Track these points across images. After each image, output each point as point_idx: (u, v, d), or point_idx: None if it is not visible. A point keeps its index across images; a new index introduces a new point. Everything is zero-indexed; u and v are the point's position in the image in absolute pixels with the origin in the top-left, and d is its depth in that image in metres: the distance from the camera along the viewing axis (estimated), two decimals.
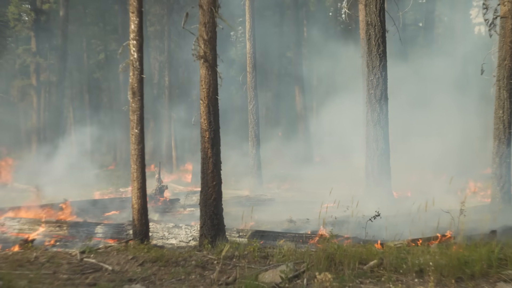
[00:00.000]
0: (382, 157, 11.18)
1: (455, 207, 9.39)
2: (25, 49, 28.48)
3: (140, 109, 7.07)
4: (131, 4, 7.10)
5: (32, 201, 13.09)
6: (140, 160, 7.07)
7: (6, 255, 6.51)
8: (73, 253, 6.53)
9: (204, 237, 7.00)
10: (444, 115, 14.51)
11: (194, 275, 5.83)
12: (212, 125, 6.91)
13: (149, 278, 5.74)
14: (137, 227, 7.06)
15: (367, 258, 5.87)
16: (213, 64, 6.86)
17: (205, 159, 6.98)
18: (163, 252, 6.36)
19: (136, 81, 7.05)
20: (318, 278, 4.45)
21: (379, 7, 11.15)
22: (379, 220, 9.39)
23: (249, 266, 6.06)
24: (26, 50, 28.38)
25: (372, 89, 11.21)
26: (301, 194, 14.67)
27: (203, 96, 6.91)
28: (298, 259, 6.05)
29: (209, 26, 6.81)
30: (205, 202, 7.02)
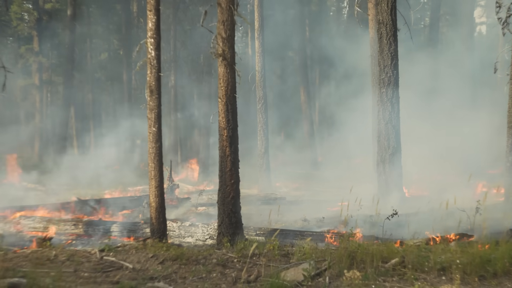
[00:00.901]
0: (393, 155, 11.17)
1: (468, 205, 9.40)
2: (28, 48, 28.51)
3: (158, 107, 7.06)
4: (149, 2, 7.08)
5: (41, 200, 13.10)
6: (158, 159, 7.05)
7: (25, 254, 6.50)
8: (92, 252, 6.52)
9: (222, 235, 6.99)
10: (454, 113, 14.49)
11: (215, 273, 5.83)
12: (230, 123, 6.91)
13: (170, 276, 5.74)
14: (154, 226, 7.05)
15: (388, 257, 5.86)
16: (231, 62, 6.85)
17: (223, 158, 6.97)
18: (183, 250, 6.35)
19: (154, 79, 7.03)
20: (346, 276, 4.44)
21: (391, 5, 11.13)
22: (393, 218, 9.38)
23: (269, 264, 6.04)
24: (28, 50, 28.40)
25: (383, 88, 11.20)
26: (310, 193, 14.66)
27: (221, 94, 6.90)
28: (319, 257, 6.03)
29: (227, 24, 6.80)
30: (223, 201, 7.01)
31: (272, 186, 16.17)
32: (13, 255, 6.44)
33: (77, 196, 10.54)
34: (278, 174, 18.29)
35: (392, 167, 11.15)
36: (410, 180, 12.80)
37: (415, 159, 13.46)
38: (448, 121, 14.51)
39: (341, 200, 12.61)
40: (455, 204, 8.71)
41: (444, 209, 10.14)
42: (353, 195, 13.04)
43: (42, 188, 15.28)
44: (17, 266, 5.97)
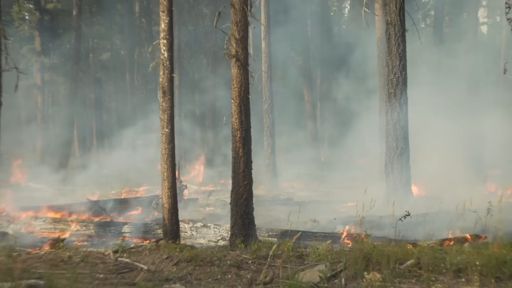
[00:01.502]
0: (402, 156, 11.16)
1: (478, 206, 9.40)
2: (30, 48, 28.50)
3: (171, 108, 7.06)
4: (161, 3, 7.08)
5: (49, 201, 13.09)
6: (171, 160, 7.05)
7: (39, 255, 6.50)
8: (106, 253, 6.52)
9: (235, 237, 6.99)
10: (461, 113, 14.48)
11: (230, 275, 5.82)
12: (243, 124, 6.90)
13: (185, 278, 5.73)
14: (167, 227, 7.04)
15: (403, 258, 5.85)
16: (244, 63, 6.84)
17: (236, 159, 6.97)
18: (197, 251, 6.34)
19: (167, 80, 7.03)
20: (367, 277, 4.44)
21: (399, 6, 11.13)
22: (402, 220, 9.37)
23: (284, 266, 6.04)
24: (30, 50, 28.40)
25: (392, 89, 11.19)
26: (317, 194, 14.66)
27: (234, 95, 6.89)
28: (334, 258, 6.03)
29: (241, 25, 6.79)
30: (236, 202, 7.01)
31: (278, 187, 16.17)
32: (27, 256, 6.44)
33: (87, 197, 10.53)
34: (284, 175, 18.29)
35: (401, 167, 11.15)
36: (420, 180, 12.80)
37: (430, 156, 13.49)
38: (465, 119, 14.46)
39: (348, 201, 12.67)
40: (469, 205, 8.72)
41: (454, 210, 10.17)
42: (361, 196, 13.06)
43: (48, 189, 15.26)
44: (32, 267, 5.97)
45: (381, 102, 14.88)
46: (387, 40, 11.28)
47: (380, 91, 14.90)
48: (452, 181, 12.37)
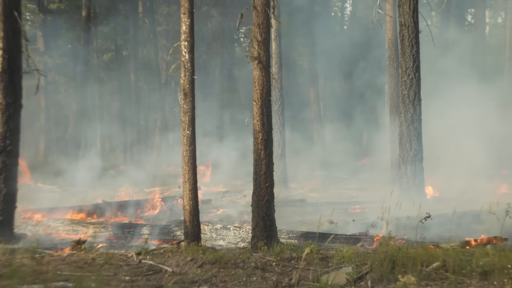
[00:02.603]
0: (415, 158, 11.17)
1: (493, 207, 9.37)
2: (33, 49, 28.48)
3: (192, 110, 7.07)
4: (182, 5, 7.10)
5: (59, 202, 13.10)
6: (192, 162, 7.06)
7: (62, 257, 6.51)
8: (129, 255, 6.52)
9: (257, 239, 6.99)
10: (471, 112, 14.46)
11: (255, 277, 5.81)
12: (265, 126, 6.91)
13: (210, 280, 5.73)
14: (188, 229, 7.05)
15: (427, 260, 5.84)
16: (266, 66, 6.85)
17: (258, 161, 6.97)
18: (221, 253, 6.34)
19: (188, 82, 7.04)
20: (401, 280, 4.43)
21: (413, 7, 11.13)
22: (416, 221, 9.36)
23: (309, 268, 6.04)
24: (33, 50, 28.38)
25: (405, 90, 11.19)
26: (328, 195, 14.65)
27: (256, 97, 6.89)
28: (358, 261, 6.02)
29: (263, 28, 6.79)
30: (258, 204, 7.01)
31: (288, 188, 16.17)
32: (50, 258, 6.44)
33: (102, 199, 10.54)
34: (293, 176, 18.28)
35: (414, 169, 11.15)
36: (433, 181, 12.80)
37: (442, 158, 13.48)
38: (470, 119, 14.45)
39: (361, 202, 12.67)
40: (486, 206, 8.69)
41: (470, 211, 10.16)
42: (373, 197, 13.07)
43: (58, 190, 15.28)
44: (56, 269, 5.97)
45: (392, 102, 14.89)
46: (401, 42, 11.28)
47: (391, 92, 14.89)
48: (465, 182, 12.36)
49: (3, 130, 7.28)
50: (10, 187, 7.43)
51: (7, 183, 7.38)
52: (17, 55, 7.32)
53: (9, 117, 7.30)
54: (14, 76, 7.30)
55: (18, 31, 7.27)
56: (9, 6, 7.18)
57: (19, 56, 7.35)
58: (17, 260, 6.31)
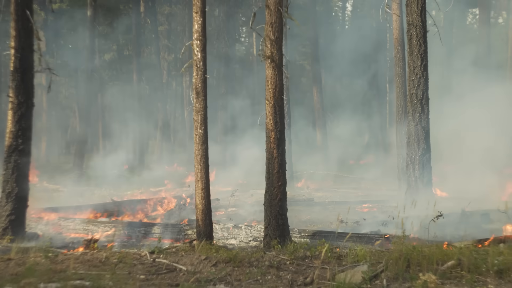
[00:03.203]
0: (423, 157, 11.15)
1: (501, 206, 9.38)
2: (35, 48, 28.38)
3: (204, 109, 7.06)
4: (195, 4, 7.09)
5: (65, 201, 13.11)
6: (204, 161, 7.05)
7: (75, 256, 6.50)
8: (142, 254, 6.52)
9: (270, 238, 6.99)
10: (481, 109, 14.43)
11: (270, 276, 5.81)
12: (278, 125, 6.91)
13: (225, 279, 5.72)
14: (201, 228, 7.05)
15: (442, 259, 5.84)
16: (279, 65, 6.85)
17: (270, 160, 6.97)
18: (235, 252, 6.34)
19: (200, 81, 7.03)
20: (421, 278, 4.43)
21: (421, 7, 11.12)
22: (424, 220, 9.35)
23: (323, 267, 6.04)
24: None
25: (413, 89, 11.18)
26: (335, 194, 14.67)
27: (269, 96, 6.90)
28: (373, 260, 6.02)
29: (275, 26, 6.79)
30: (270, 203, 7.01)
31: (294, 187, 16.16)
32: (63, 257, 6.44)
33: (112, 198, 10.54)
34: (298, 175, 18.29)
35: (422, 168, 11.14)
36: (441, 180, 12.80)
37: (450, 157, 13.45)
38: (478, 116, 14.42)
39: (368, 201, 12.69)
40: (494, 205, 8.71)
41: (478, 210, 10.16)
42: (379, 196, 13.06)
43: (63, 189, 15.29)
44: (71, 268, 5.96)
45: (398, 101, 14.88)
46: (409, 41, 11.27)
47: (397, 91, 14.89)
48: (474, 181, 12.36)
49: (15, 129, 7.29)
50: (22, 186, 7.44)
51: (19, 182, 7.39)
52: (29, 54, 7.34)
53: (21, 116, 7.31)
54: (26, 75, 7.32)
55: (30, 30, 7.28)
56: (21, 5, 7.19)
57: (31, 55, 7.37)
58: (30, 258, 6.31)
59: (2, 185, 7.47)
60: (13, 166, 7.31)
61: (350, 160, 26.87)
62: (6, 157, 7.34)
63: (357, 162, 26.89)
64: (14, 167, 7.31)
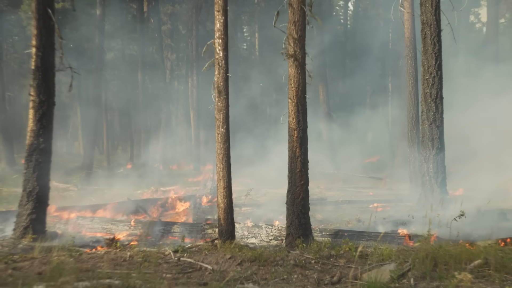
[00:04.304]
0: (437, 156, 11.14)
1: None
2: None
3: (226, 108, 7.05)
4: (217, 3, 7.06)
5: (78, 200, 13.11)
6: (226, 159, 7.04)
7: (99, 255, 6.50)
8: (166, 252, 6.52)
9: (292, 237, 6.98)
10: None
11: (296, 275, 5.81)
12: (300, 124, 6.90)
13: (251, 278, 5.72)
14: (223, 226, 7.04)
15: (468, 258, 5.83)
16: (302, 63, 6.84)
17: (293, 158, 6.96)
18: (260, 251, 6.33)
19: (222, 80, 7.02)
20: (457, 277, 4.42)
21: (435, 6, 11.11)
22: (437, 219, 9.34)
23: (349, 266, 6.03)
24: None
25: (427, 88, 11.17)
26: (346, 194, 14.63)
27: (291, 95, 6.89)
28: (398, 259, 6.01)
29: (299, 25, 6.78)
30: (293, 201, 7.00)
31: None
32: (87, 256, 6.44)
33: (127, 197, 10.52)
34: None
35: (436, 167, 11.12)
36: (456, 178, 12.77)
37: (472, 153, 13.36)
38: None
39: (380, 200, 12.68)
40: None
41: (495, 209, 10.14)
42: (392, 196, 13.03)
43: (74, 188, 15.30)
44: (96, 267, 5.97)
45: (410, 101, 14.85)
46: (423, 40, 11.25)
47: (409, 90, 14.85)
48: (489, 180, 12.33)
49: (36, 128, 7.28)
50: (42, 185, 7.44)
51: (40, 181, 7.38)
52: (50, 53, 7.32)
53: (43, 115, 7.29)
54: (48, 73, 7.30)
55: (52, 29, 7.27)
56: (43, 4, 7.17)
57: (52, 54, 7.35)
58: (54, 257, 6.30)
59: (23, 184, 7.46)
60: (34, 165, 7.30)
61: (357, 159, 26.85)
62: (27, 156, 7.33)
63: (364, 161, 26.89)
64: (35, 166, 7.30)
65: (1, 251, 6.81)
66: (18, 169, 23.15)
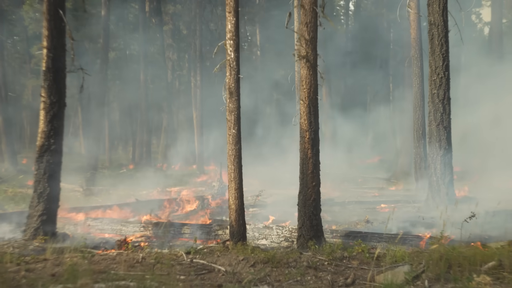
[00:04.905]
0: (445, 157, 11.12)
1: None
2: (40, 48, 28.29)
3: (237, 109, 7.04)
4: (228, 4, 7.06)
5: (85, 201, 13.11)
6: (238, 161, 7.03)
7: (111, 256, 6.49)
8: (178, 254, 6.51)
9: (303, 238, 6.98)
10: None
11: (309, 277, 5.80)
12: (312, 125, 6.89)
13: (265, 280, 5.71)
14: (234, 228, 7.03)
15: (482, 260, 5.82)
16: (314, 65, 6.84)
17: (304, 160, 6.96)
18: (273, 253, 6.32)
19: (233, 81, 7.01)
20: (476, 280, 4.42)
21: (442, 6, 11.10)
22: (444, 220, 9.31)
23: (362, 267, 6.03)
24: (41, 49, 28.22)
25: (435, 89, 11.16)
26: (351, 194, 14.64)
27: (303, 96, 6.88)
28: (411, 260, 6.01)
29: (310, 26, 6.78)
30: (304, 203, 7.00)
31: None
32: (100, 258, 6.43)
33: (136, 198, 10.51)
34: None
35: (444, 168, 11.11)
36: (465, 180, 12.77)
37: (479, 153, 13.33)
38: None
39: (387, 201, 12.66)
40: None
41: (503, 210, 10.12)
42: (398, 196, 13.01)
43: (79, 189, 15.27)
44: (109, 268, 5.96)
45: (416, 101, 14.84)
46: (430, 41, 11.24)
47: (415, 91, 14.84)
48: (496, 181, 12.33)
49: (47, 129, 7.27)
50: (53, 186, 7.43)
51: (51, 182, 7.38)
52: (61, 54, 7.31)
53: (54, 116, 7.29)
54: (58, 75, 7.30)
55: (63, 30, 7.26)
56: (54, 5, 7.17)
57: (63, 55, 7.34)
58: (67, 259, 6.30)
59: (33, 185, 7.45)
60: (45, 166, 7.29)
61: (360, 160, 26.87)
62: (38, 157, 7.33)
63: (367, 161, 26.91)
64: (46, 167, 7.29)
65: (13, 252, 6.79)
66: (20, 169, 23.17)
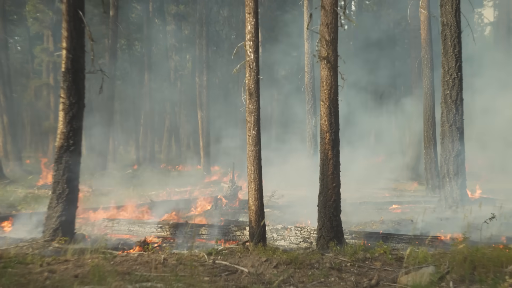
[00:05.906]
0: (457, 158, 11.12)
1: None
2: (43, 48, 28.47)
3: (257, 110, 7.04)
4: (247, 5, 7.05)
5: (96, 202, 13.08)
6: (257, 162, 7.03)
7: (133, 257, 6.48)
8: (200, 255, 6.50)
9: (323, 239, 6.97)
10: None
11: (333, 278, 5.80)
12: (333, 126, 6.89)
13: (288, 281, 5.70)
14: (254, 229, 7.03)
15: (506, 261, 5.81)
16: (334, 65, 6.82)
17: (325, 161, 6.95)
18: (296, 254, 6.32)
19: (253, 82, 7.01)
20: (508, 281, 4.41)
21: (455, 7, 11.09)
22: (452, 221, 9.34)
23: (385, 269, 6.02)
24: (44, 50, 28.38)
25: (447, 90, 11.15)
26: (362, 195, 14.63)
27: (324, 97, 6.87)
28: (434, 261, 6.00)
29: (331, 27, 6.77)
30: (325, 204, 6.99)
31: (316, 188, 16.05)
32: (121, 259, 6.42)
33: (150, 198, 10.50)
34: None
35: (457, 169, 11.11)
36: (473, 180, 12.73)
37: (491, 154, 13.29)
38: None
39: (398, 202, 12.66)
40: None
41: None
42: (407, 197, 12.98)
43: (88, 189, 15.27)
44: (132, 269, 5.95)
45: (426, 102, 14.82)
46: (443, 42, 11.24)
47: (425, 91, 14.82)
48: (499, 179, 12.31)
49: (66, 130, 7.26)
50: (72, 187, 7.41)
51: (70, 184, 7.36)
52: (81, 55, 7.30)
53: (73, 117, 7.28)
54: (78, 76, 7.29)
55: (82, 31, 7.26)
56: (73, 6, 7.16)
57: (83, 56, 7.33)
58: (88, 260, 6.29)
59: (52, 186, 7.45)
60: (64, 167, 7.28)
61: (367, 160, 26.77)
62: (57, 158, 7.32)
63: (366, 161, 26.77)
64: (65, 168, 7.28)
65: (33, 253, 6.79)
66: (26, 169, 23.19)
